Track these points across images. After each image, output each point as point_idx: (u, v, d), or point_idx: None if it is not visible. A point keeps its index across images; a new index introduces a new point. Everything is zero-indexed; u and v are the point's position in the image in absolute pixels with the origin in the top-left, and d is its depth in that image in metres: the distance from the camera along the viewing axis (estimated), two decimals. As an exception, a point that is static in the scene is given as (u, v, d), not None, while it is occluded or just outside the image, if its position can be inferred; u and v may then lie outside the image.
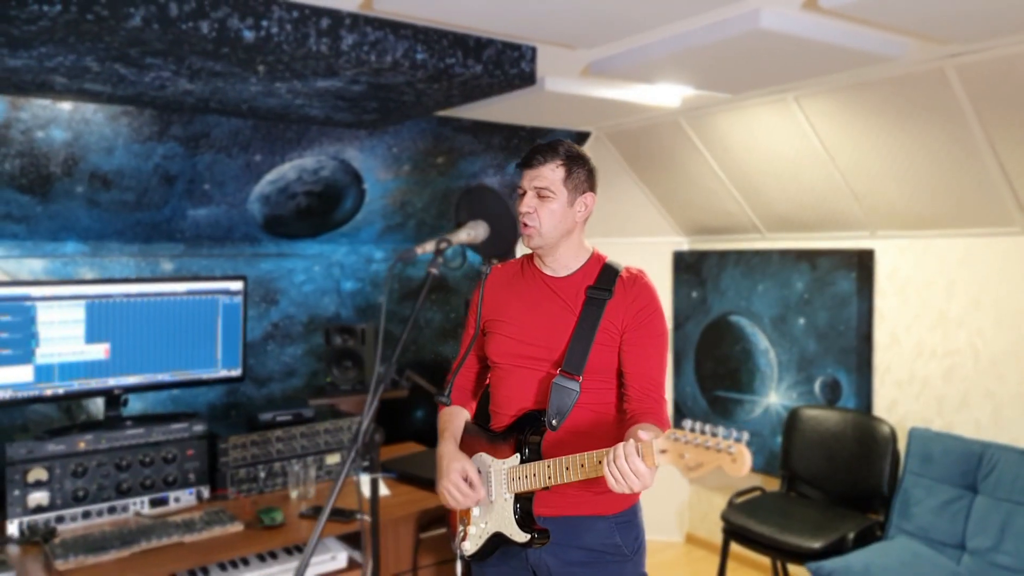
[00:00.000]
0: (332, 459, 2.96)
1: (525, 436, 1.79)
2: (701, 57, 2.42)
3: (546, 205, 1.80)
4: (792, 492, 3.65)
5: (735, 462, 1.34)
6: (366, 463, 1.72)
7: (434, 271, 1.72)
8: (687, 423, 1.41)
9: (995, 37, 2.35)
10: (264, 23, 2.01)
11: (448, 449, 1.87)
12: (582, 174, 1.84)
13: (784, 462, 3.68)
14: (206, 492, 2.73)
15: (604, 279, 1.84)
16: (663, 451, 1.44)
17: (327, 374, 3.54)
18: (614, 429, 1.83)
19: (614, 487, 1.52)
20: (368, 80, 2.42)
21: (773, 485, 3.79)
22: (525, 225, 1.82)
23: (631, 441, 1.50)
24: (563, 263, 1.88)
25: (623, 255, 1.99)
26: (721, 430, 1.36)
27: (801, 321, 3.78)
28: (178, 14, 1.87)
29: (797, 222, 3.81)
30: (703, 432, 1.39)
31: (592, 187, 1.87)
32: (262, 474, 2.80)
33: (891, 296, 3.52)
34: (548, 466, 1.69)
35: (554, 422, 1.76)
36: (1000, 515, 2.84)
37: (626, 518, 1.86)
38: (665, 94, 3.16)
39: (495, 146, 3.88)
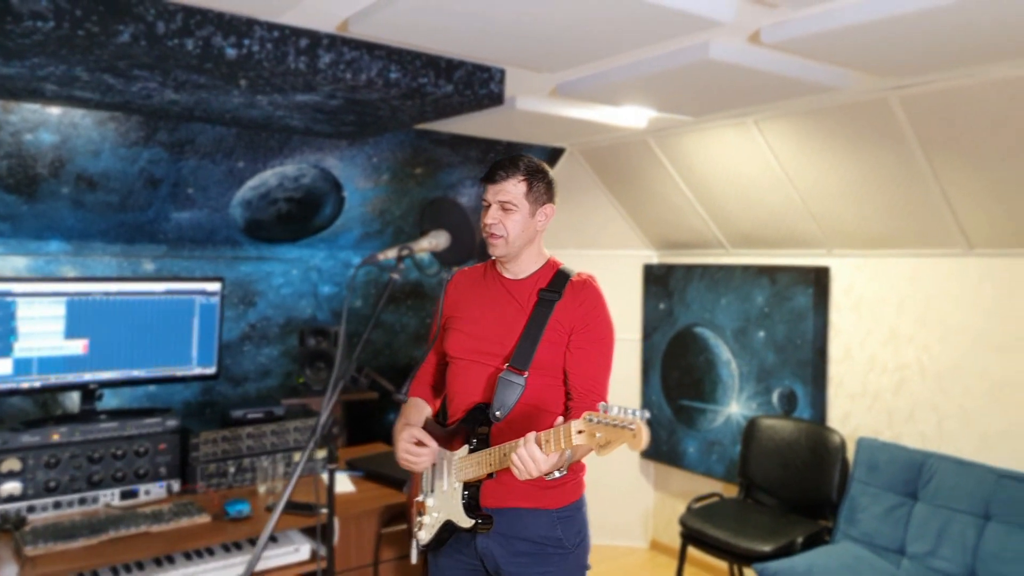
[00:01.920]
0: (307, 456, 3.08)
1: (473, 428, 1.92)
2: (658, 83, 2.58)
3: (509, 217, 1.94)
4: (749, 499, 3.79)
5: (635, 437, 1.47)
6: (325, 456, 1.83)
7: (395, 276, 1.85)
8: (600, 406, 1.55)
9: (933, 72, 2.51)
10: (246, 41, 2.14)
11: (398, 427, 2.02)
12: (542, 187, 1.98)
13: (742, 470, 3.83)
14: (176, 485, 2.84)
15: (556, 282, 1.98)
16: (580, 432, 1.58)
17: (300, 375, 3.66)
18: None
19: (517, 474, 1.69)
20: (344, 96, 2.55)
21: (733, 492, 3.93)
22: (492, 235, 1.96)
23: (531, 433, 1.68)
24: (522, 268, 2.02)
25: (596, 267, 2.13)
26: (628, 410, 1.50)
27: (761, 334, 3.93)
28: (165, 32, 2.00)
29: (759, 239, 3.97)
30: (612, 412, 1.53)
31: (551, 199, 2.01)
32: (232, 469, 2.91)
33: (846, 312, 3.68)
34: (489, 454, 1.83)
35: (498, 414, 1.89)
36: (938, 522, 3.00)
37: (568, 513, 1.97)
38: (631, 115, 3.31)
39: (472, 159, 4.02)
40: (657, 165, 3.96)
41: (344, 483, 2.98)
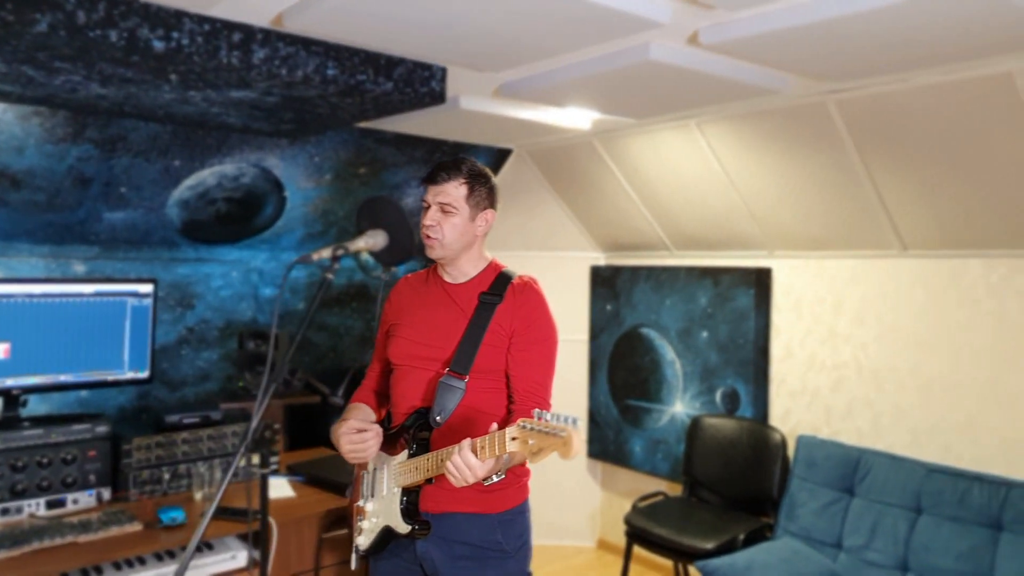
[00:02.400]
0: (239, 461, 3.01)
1: (413, 432, 1.89)
2: (599, 84, 2.58)
3: (449, 219, 1.91)
4: (693, 497, 3.83)
5: (565, 445, 1.46)
6: (259, 461, 1.79)
7: (330, 276, 1.81)
8: (535, 413, 1.53)
9: (868, 76, 2.58)
10: (174, 35, 2.08)
11: (336, 426, 1.98)
12: (483, 192, 1.95)
13: (686, 468, 3.87)
14: (107, 493, 2.74)
15: (497, 285, 1.96)
16: (514, 438, 1.56)
17: (240, 378, 3.56)
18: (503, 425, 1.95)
19: (452, 481, 1.66)
20: (281, 93, 2.50)
21: (677, 490, 3.97)
22: (428, 237, 1.93)
23: (466, 440, 1.65)
24: (462, 271, 2.00)
25: (543, 268, 2.12)
26: (561, 417, 1.48)
27: (704, 334, 3.98)
28: (86, 21, 1.92)
29: (702, 241, 4.02)
30: (545, 419, 1.51)
31: (493, 204, 1.99)
32: (166, 476, 2.82)
33: (786, 312, 3.75)
34: (428, 460, 1.81)
35: (438, 418, 1.86)
36: (872, 516, 3.07)
37: (509, 517, 1.95)
38: (575, 117, 3.31)
39: (418, 159, 3.98)
40: (603, 167, 3.98)
41: (284, 488, 2.92)
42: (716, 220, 3.82)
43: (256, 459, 2.00)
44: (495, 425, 1.65)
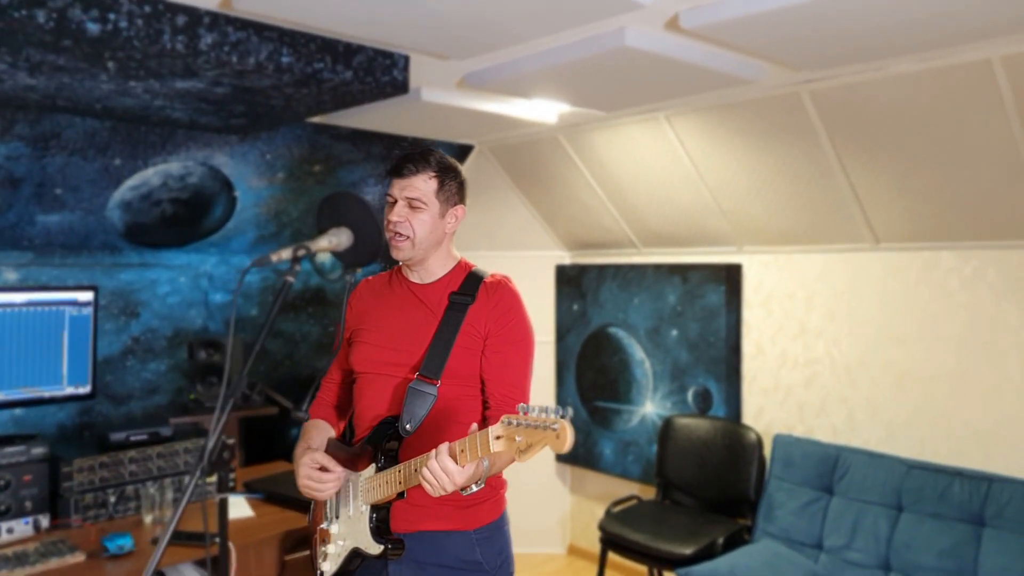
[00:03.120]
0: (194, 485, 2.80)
1: (380, 444, 1.75)
2: (571, 73, 2.46)
3: (417, 215, 1.78)
4: (667, 500, 3.74)
5: (559, 438, 1.35)
6: (214, 483, 1.61)
7: (290, 279, 1.65)
8: (520, 408, 1.42)
9: (843, 65, 2.51)
10: (111, 16, 1.89)
11: (299, 451, 1.82)
12: (454, 186, 1.82)
13: (659, 470, 3.78)
14: (45, 521, 2.51)
15: (468, 285, 1.83)
16: (498, 437, 1.44)
17: (191, 391, 3.35)
18: None
19: (429, 490, 1.54)
20: (232, 82, 2.31)
21: (650, 493, 3.88)
22: (396, 235, 1.79)
23: (443, 444, 1.53)
24: (430, 271, 1.87)
25: (507, 268, 1.99)
26: (550, 410, 1.38)
27: (674, 332, 3.90)
28: (9, 1, 1.72)
29: (670, 237, 3.94)
30: (533, 413, 1.41)
31: (463, 199, 1.86)
32: (112, 499, 2.60)
33: (757, 308, 3.68)
34: (398, 471, 1.66)
35: (408, 427, 1.72)
36: (852, 515, 3.01)
37: (487, 533, 1.82)
38: (541, 110, 3.19)
39: (375, 156, 3.81)
40: (568, 163, 3.86)
41: (242, 507, 2.72)
42: (684, 216, 3.74)
43: (213, 479, 1.83)
44: (475, 426, 1.52)
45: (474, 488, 1.59)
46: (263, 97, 2.50)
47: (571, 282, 4.44)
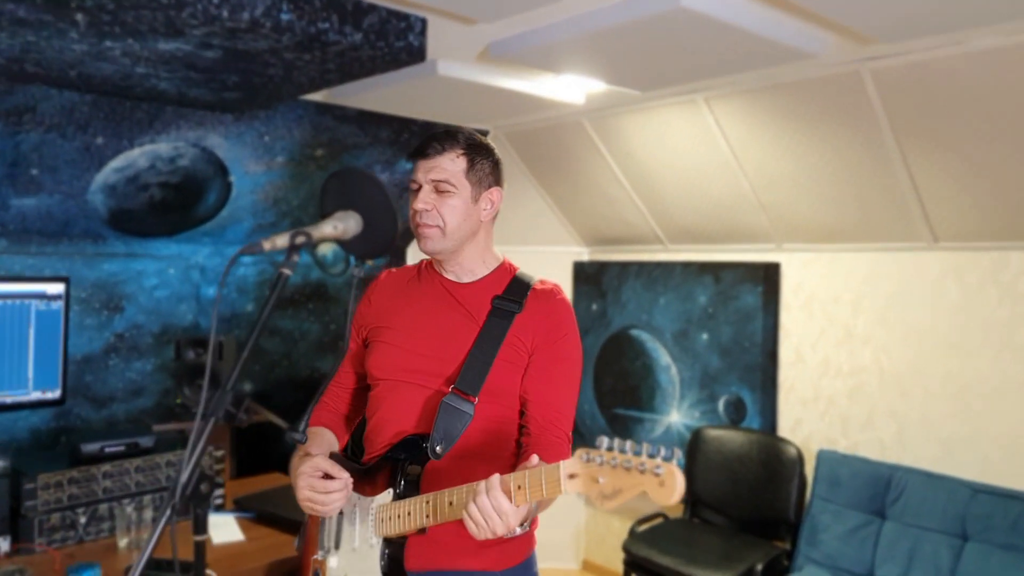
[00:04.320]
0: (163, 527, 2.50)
1: (402, 466, 1.46)
2: (611, 42, 2.16)
3: (446, 201, 1.51)
4: (696, 518, 3.45)
5: (663, 486, 1.09)
6: (193, 524, 1.32)
7: (287, 271, 1.36)
8: (602, 441, 1.14)
9: (917, 37, 2.20)
10: (78, -45, 1.59)
11: (296, 461, 1.54)
12: (487, 165, 1.56)
13: (687, 486, 3.48)
14: (4, 545, 2.20)
15: (514, 290, 1.57)
16: (572, 476, 1.17)
17: (178, 394, 3.05)
18: (513, 461, 1.54)
19: (474, 532, 1.27)
20: (223, 44, 2.01)
21: (676, 511, 3.58)
22: (423, 225, 1.51)
23: (494, 475, 1.27)
24: (467, 268, 1.59)
25: (520, 265, 1.70)
26: (646, 447, 1.11)
27: (704, 336, 3.60)
28: (-51, -72, 1.42)
29: (701, 233, 3.64)
30: (622, 451, 1.12)
31: (498, 180, 1.59)
32: (83, 519, 2.30)
33: (796, 311, 3.38)
34: (426, 502, 1.38)
35: (438, 449, 1.44)
36: (908, 542, 2.72)
37: (517, 574, 1.55)
38: (569, 89, 2.89)
39: (383, 140, 3.51)
40: (592, 151, 3.56)
41: (230, 528, 2.43)
42: (718, 210, 3.44)
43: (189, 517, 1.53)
44: (536, 457, 1.25)
45: (518, 531, 1.32)
46: (259, 64, 2.20)
47: (590, 280, 4.14)
